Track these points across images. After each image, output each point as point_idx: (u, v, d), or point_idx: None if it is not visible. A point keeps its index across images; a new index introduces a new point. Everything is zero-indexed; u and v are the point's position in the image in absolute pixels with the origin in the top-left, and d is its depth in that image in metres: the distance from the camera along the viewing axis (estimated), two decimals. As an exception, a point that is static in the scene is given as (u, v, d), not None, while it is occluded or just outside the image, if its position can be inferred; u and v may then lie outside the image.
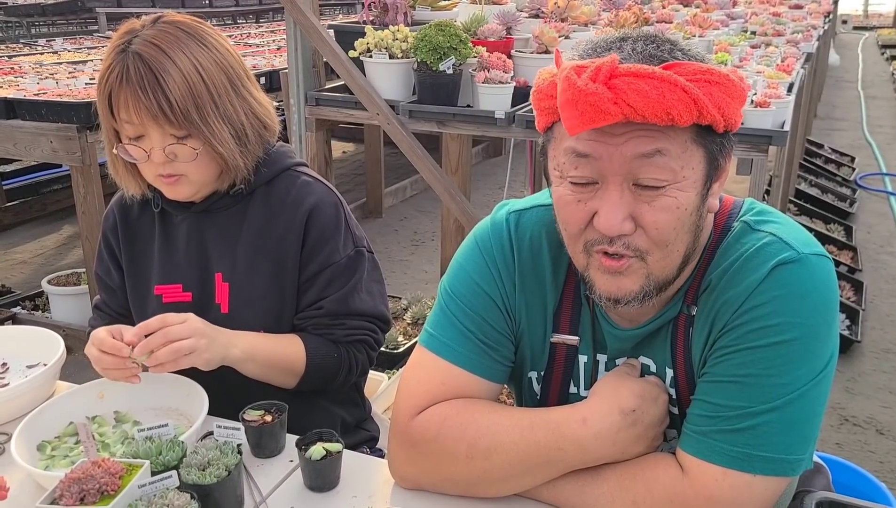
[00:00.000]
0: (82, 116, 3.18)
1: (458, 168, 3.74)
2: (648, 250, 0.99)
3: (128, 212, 1.57)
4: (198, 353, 1.30)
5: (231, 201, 1.48)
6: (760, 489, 1.00)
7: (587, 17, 3.62)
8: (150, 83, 1.31)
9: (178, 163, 1.38)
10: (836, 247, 4.78)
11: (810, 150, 6.84)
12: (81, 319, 3.60)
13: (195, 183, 1.42)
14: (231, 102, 1.41)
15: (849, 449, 2.91)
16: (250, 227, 1.48)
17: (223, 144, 1.39)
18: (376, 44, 3.08)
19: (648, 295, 1.02)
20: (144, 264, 1.54)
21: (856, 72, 12.72)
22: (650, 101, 0.89)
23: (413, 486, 1.19)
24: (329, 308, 1.48)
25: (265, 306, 1.47)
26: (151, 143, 1.36)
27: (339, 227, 1.48)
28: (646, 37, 0.98)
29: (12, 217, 5.38)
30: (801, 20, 5.12)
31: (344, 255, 1.48)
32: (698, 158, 0.96)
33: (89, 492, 1.05)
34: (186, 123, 1.34)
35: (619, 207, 0.96)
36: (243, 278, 1.47)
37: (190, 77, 1.35)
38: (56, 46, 6.01)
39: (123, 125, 1.36)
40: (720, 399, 1.02)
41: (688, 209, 0.97)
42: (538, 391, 1.24)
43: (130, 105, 1.33)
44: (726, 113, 0.93)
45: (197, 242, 1.50)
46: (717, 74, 0.92)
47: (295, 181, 1.50)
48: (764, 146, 2.61)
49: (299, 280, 1.48)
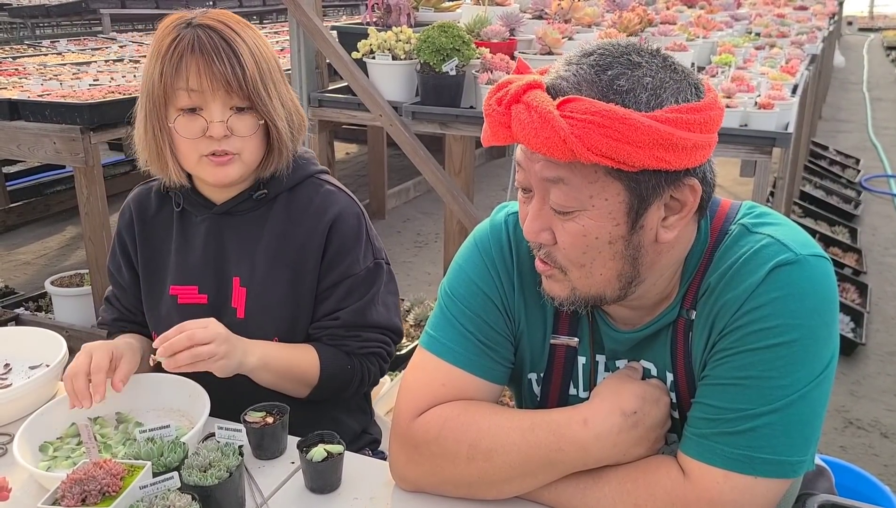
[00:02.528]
0: (86, 118, 3.19)
1: (461, 170, 3.74)
2: (566, 267, 1.03)
3: (145, 209, 1.56)
4: (216, 359, 1.30)
5: (253, 205, 1.48)
6: (762, 491, 1.00)
7: (591, 18, 3.62)
8: (225, 50, 1.34)
9: (234, 139, 1.38)
10: (841, 249, 4.76)
11: (815, 152, 6.82)
12: (84, 320, 3.61)
13: (246, 164, 1.41)
14: (283, 86, 1.45)
15: (853, 452, 2.90)
16: (271, 232, 1.47)
17: (280, 122, 1.41)
18: (379, 45, 3.08)
19: (581, 304, 1.07)
20: (160, 263, 1.53)
21: (861, 73, 12.69)
22: (527, 133, 0.92)
23: (414, 488, 1.19)
24: (346, 319, 1.48)
25: (281, 313, 1.46)
26: (211, 115, 1.36)
27: (360, 238, 1.48)
28: (611, 53, 0.96)
29: (16, 218, 5.39)
30: (806, 21, 5.11)
31: (363, 267, 1.48)
32: (614, 190, 0.96)
33: (91, 493, 1.05)
34: (254, 93, 1.36)
35: (536, 217, 1.02)
36: (261, 283, 1.46)
37: (255, 52, 1.39)
38: (60, 48, 6.03)
39: (180, 95, 1.35)
40: (721, 402, 1.02)
41: (600, 238, 0.99)
42: (538, 393, 1.24)
43: (202, 71, 1.33)
44: (615, 155, 0.90)
45: (215, 244, 1.49)
46: (612, 118, 0.89)
47: (318, 190, 1.50)
48: (768, 148, 2.60)
49: (318, 289, 1.48)
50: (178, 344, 1.27)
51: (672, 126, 0.91)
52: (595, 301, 1.06)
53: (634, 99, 0.93)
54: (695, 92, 0.97)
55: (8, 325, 3.51)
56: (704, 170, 1.00)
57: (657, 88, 0.94)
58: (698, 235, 1.09)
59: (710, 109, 0.95)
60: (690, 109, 0.93)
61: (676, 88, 0.95)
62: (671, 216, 1.01)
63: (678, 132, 0.91)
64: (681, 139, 0.91)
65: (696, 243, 1.09)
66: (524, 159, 1.01)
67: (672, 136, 0.91)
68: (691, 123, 0.93)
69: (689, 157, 0.94)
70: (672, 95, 0.94)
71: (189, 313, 1.40)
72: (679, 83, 0.96)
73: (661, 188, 0.97)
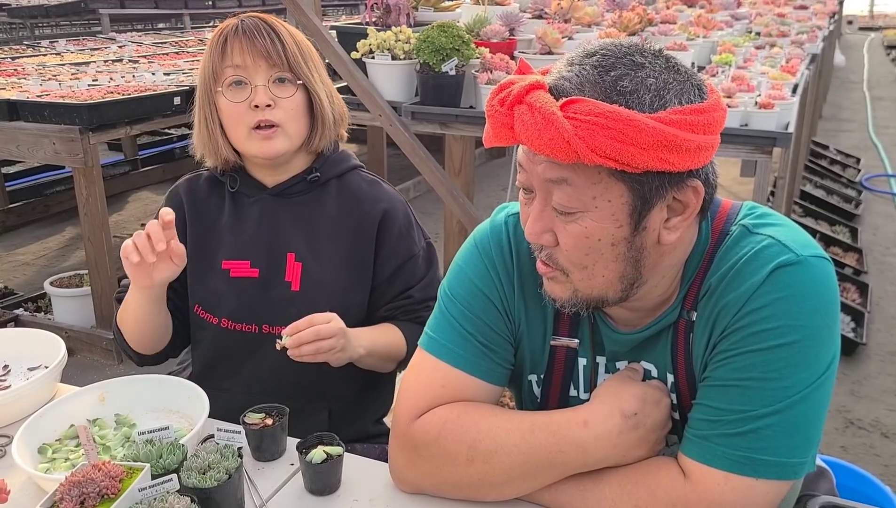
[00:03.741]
0: (85, 118, 3.18)
1: (461, 170, 3.74)
2: (567, 268, 1.03)
3: (196, 192, 1.63)
4: (335, 351, 1.40)
5: (305, 187, 1.58)
6: (763, 492, 1.00)
7: (591, 17, 3.61)
8: (265, 29, 1.48)
9: (277, 110, 1.47)
10: (842, 249, 4.76)
11: (815, 151, 6.82)
12: (84, 321, 3.60)
13: (290, 138, 1.50)
14: (324, 72, 1.57)
15: (854, 453, 2.89)
16: (325, 214, 1.57)
17: (323, 95, 1.53)
18: (379, 45, 3.08)
19: (583, 306, 1.06)
20: (212, 239, 1.60)
21: (861, 73, 12.69)
22: (531, 134, 0.91)
23: (414, 490, 1.18)
24: (417, 297, 1.60)
25: (334, 288, 1.55)
26: (255, 82, 1.47)
27: (412, 224, 1.62)
28: (614, 54, 0.95)
29: (15, 219, 5.39)
30: (806, 21, 5.11)
31: (420, 247, 1.62)
32: (618, 192, 0.95)
33: (89, 496, 1.05)
34: (294, 64, 1.48)
35: (538, 219, 1.01)
36: (317, 259, 1.55)
37: (296, 36, 1.54)
38: (59, 48, 6.03)
39: (227, 72, 1.48)
40: (722, 403, 1.01)
41: (602, 240, 0.98)
42: (538, 394, 1.23)
43: (245, 47, 1.47)
44: (619, 157, 0.90)
45: (269, 223, 1.57)
46: (616, 119, 0.88)
47: (365, 179, 1.63)
48: (768, 148, 2.60)
49: (379, 275, 1.58)
50: (305, 337, 1.36)
51: (676, 127, 0.90)
52: (597, 303, 1.06)
53: (638, 100, 0.92)
54: (698, 93, 0.96)
55: (7, 326, 3.51)
56: (707, 171, 0.99)
57: (661, 89, 0.93)
58: (699, 235, 1.08)
59: (714, 110, 0.95)
60: (694, 110, 0.93)
61: (680, 90, 0.95)
62: (674, 218, 1.00)
63: (682, 134, 0.91)
64: (685, 141, 0.91)
65: (697, 243, 1.08)
66: (526, 161, 1.00)
67: (676, 137, 0.90)
68: (695, 125, 0.92)
69: (693, 158, 0.93)
70: (676, 97, 0.94)
71: (241, 286, 1.53)
72: (682, 84, 0.95)
73: (664, 190, 0.96)
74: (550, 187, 0.98)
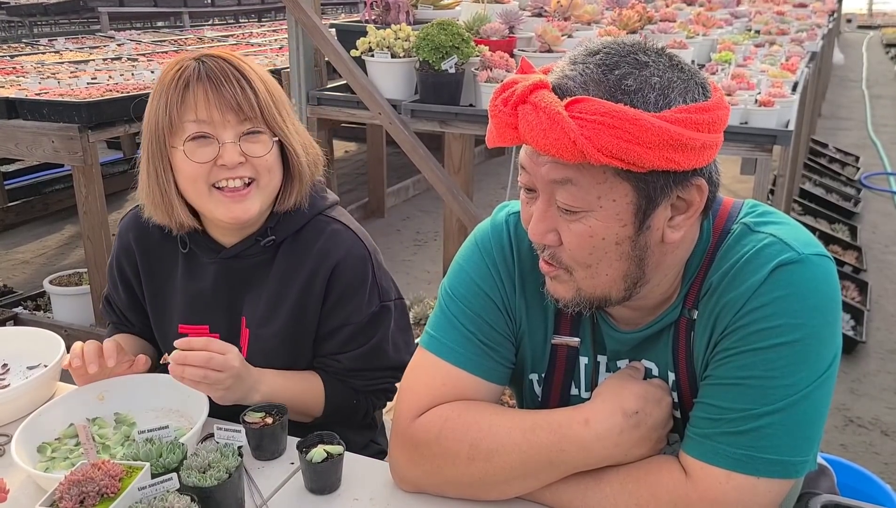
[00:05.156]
0: (84, 116, 3.18)
1: (461, 168, 3.73)
2: (571, 267, 1.02)
3: (146, 239, 1.49)
4: (218, 388, 1.29)
5: (261, 250, 1.44)
6: (765, 491, 0.99)
7: (590, 15, 3.61)
8: (233, 75, 1.30)
9: (248, 165, 1.31)
10: (841, 247, 4.76)
11: (815, 149, 6.82)
12: (83, 319, 3.60)
13: (265, 194, 1.35)
14: (295, 119, 1.42)
15: (854, 451, 2.90)
16: (275, 275, 1.44)
17: (297, 147, 1.37)
18: (378, 43, 3.07)
19: (586, 305, 1.06)
20: (167, 299, 1.51)
21: (860, 71, 12.69)
22: (535, 134, 0.91)
23: (414, 488, 1.18)
24: (347, 365, 1.47)
25: (279, 355, 1.44)
26: (224, 139, 1.30)
27: (364, 282, 1.43)
28: (617, 53, 0.95)
29: (14, 217, 5.38)
30: (806, 19, 5.10)
31: (367, 313, 1.44)
32: (622, 191, 0.95)
33: (89, 494, 1.04)
34: (268, 115, 1.32)
35: (542, 218, 1.00)
36: (261, 326, 1.45)
37: (265, 79, 1.36)
38: (58, 46, 6.01)
39: (188, 127, 1.29)
40: (723, 402, 1.01)
41: (606, 239, 0.98)
42: (539, 393, 1.23)
43: (211, 98, 1.28)
44: (625, 156, 0.89)
45: (226, 286, 1.46)
46: (622, 118, 0.88)
47: (324, 229, 1.44)
48: (768, 146, 2.60)
49: (319, 331, 1.46)
50: (194, 359, 1.26)
51: (682, 126, 0.90)
52: (600, 302, 1.05)
53: (643, 99, 0.91)
54: (702, 91, 0.96)
55: (6, 324, 3.50)
56: (710, 169, 0.99)
57: (665, 87, 0.93)
58: (701, 234, 1.08)
59: (718, 108, 0.95)
60: (699, 109, 0.93)
61: (684, 88, 0.94)
62: (677, 216, 1.00)
63: (687, 133, 0.90)
64: (690, 139, 0.91)
65: (699, 242, 1.08)
66: (529, 161, 0.99)
67: (682, 136, 0.90)
68: (700, 123, 0.92)
69: (698, 157, 0.93)
70: (680, 95, 0.93)
71: None
72: (686, 83, 0.95)
73: (668, 189, 0.96)
74: (554, 187, 0.97)
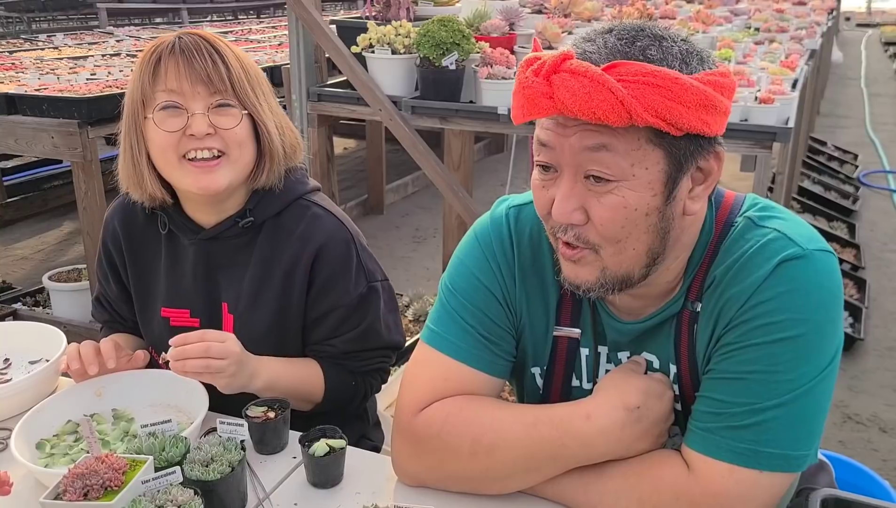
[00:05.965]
0: (83, 112, 3.17)
1: (461, 164, 3.74)
2: (599, 244, 1.01)
3: (131, 223, 1.50)
4: (223, 376, 1.29)
5: (240, 231, 1.43)
6: (767, 485, 1.00)
7: (591, 12, 3.61)
8: (206, 49, 1.31)
9: (217, 137, 1.31)
10: (840, 245, 4.77)
11: (813, 147, 6.82)
12: (82, 315, 3.60)
13: (235, 169, 1.34)
14: (273, 99, 1.41)
15: (852, 447, 2.90)
16: (257, 259, 1.43)
17: (270, 124, 1.36)
18: (378, 39, 3.07)
19: (609, 287, 1.04)
20: (151, 283, 1.50)
21: (859, 69, 12.70)
22: (578, 99, 0.90)
23: (416, 483, 1.18)
24: (341, 348, 1.47)
25: (267, 342, 1.43)
26: (193, 110, 1.30)
27: (349, 265, 1.43)
28: (630, 29, 0.97)
29: (13, 213, 5.38)
30: (805, 17, 5.11)
31: (355, 294, 1.44)
32: (655, 159, 0.95)
33: (93, 487, 1.05)
34: (240, 89, 1.32)
35: (569, 196, 0.98)
36: (247, 312, 1.44)
37: (241, 57, 1.36)
38: (57, 42, 6.00)
39: (158, 96, 1.30)
40: (726, 396, 1.01)
41: (638, 209, 0.97)
42: (541, 386, 1.23)
43: (182, 69, 1.29)
44: (668, 117, 0.90)
45: (204, 269, 1.45)
46: (664, 77, 0.90)
47: (305, 213, 1.44)
48: (768, 143, 2.60)
49: (307, 318, 1.45)
50: (193, 352, 1.26)
51: (713, 88, 0.93)
52: (622, 283, 1.04)
53: (669, 66, 0.93)
54: (713, 63, 0.99)
55: (6, 320, 3.50)
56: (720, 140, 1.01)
57: (685, 56, 0.95)
58: (703, 225, 1.08)
59: (730, 76, 0.97)
60: (721, 73, 0.95)
61: (700, 58, 0.97)
62: (697, 187, 1.01)
63: (717, 95, 0.93)
64: (720, 102, 0.93)
65: (702, 233, 1.08)
66: (554, 135, 0.97)
67: (714, 98, 0.92)
68: (724, 88, 0.95)
69: (722, 122, 0.96)
70: (700, 63, 0.96)
71: None
72: (700, 54, 0.98)
73: (694, 156, 0.98)
74: (585, 158, 0.96)
